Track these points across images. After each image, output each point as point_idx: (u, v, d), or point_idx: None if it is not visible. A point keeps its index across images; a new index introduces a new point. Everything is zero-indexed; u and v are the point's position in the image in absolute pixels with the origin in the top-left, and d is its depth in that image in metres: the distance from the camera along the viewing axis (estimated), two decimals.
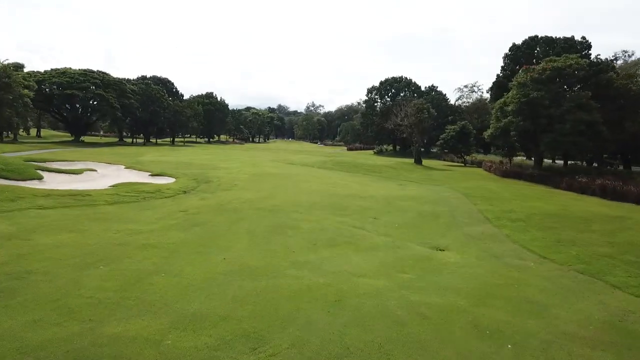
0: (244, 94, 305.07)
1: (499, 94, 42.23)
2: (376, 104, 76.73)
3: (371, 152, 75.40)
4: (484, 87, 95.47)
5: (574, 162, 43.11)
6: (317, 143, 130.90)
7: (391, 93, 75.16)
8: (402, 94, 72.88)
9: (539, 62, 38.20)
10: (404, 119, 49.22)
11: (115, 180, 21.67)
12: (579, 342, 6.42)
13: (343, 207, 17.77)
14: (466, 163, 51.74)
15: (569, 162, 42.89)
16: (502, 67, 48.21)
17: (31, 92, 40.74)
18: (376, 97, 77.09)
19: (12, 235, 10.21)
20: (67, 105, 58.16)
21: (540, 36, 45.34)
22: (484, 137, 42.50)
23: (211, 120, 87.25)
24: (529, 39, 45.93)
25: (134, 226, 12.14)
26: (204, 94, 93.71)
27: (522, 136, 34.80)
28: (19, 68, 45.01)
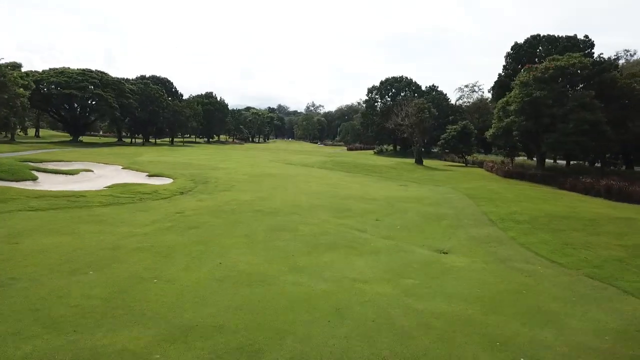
0: (243, 94, 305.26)
1: (501, 93, 41.80)
2: (376, 104, 76.36)
3: (371, 152, 75.02)
4: (484, 86, 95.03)
5: (575, 162, 42.72)
6: (317, 143, 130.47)
7: (392, 93, 74.78)
8: (402, 94, 72.52)
9: (541, 61, 37.74)
10: (405, 119, 48.84)
11: (112, 181, 21.27)
12: (596, 356, 6.01)
13: (344, 208, 17.37)
14: (467, 163, 51.35)
15: (571, 162, 42.51)
16: (504, 66, 47.77)
17: (27, 92, 40.18)
18: (376, 96, 76.70)
19: None
20: (65, 105, 57.74)
21: (542, 35, 44.90)
22: (485, 137, 42.10)
23: (211, 120, 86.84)
24: (531, 37, 45.49)
25: (127, 229, 11.74)
26: (203, 93, 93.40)
27: (524, 136, 34.38)
28: (16, 67, 44.57)
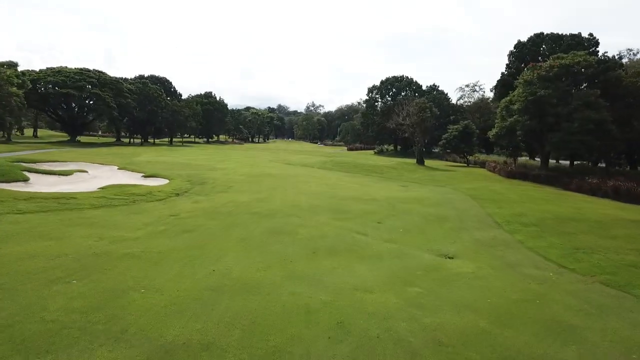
0: (243, 94, 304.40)
1: (504, 92, 41.19)
2: (377, 104, 75.79)
3: (372, 152, 74.47)
4: (485, 86, 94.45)
5: (579, 163, 42.11)
6: (317, 143, 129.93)
7: (392, 92, 74.21)
8: (403, 93, 71.97)
9: (545, 59, 37.12)
10: (406, 118, 48.26)
11: (106, 181, 20.72)
12: None
13: (344, 210, 16.81)
14: (469, 163, 50.76)
15: (574, 162, 41.92)
16: (507, 64, 47.13)
17: (20, 91, 39.52)
18: (377, 96, 76.12)
19: None
20: (63, 104, 57.24)
21: (546, 33, 44.25)
22: (486, 137, 41.48)
23: (210, 120, 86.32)
24: (534, 36, 44.85)
25: (118, 233, 11.19)
26: (202, 93, 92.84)
27: (528, 135, 33.79)
28: (12, 66, 43.94)
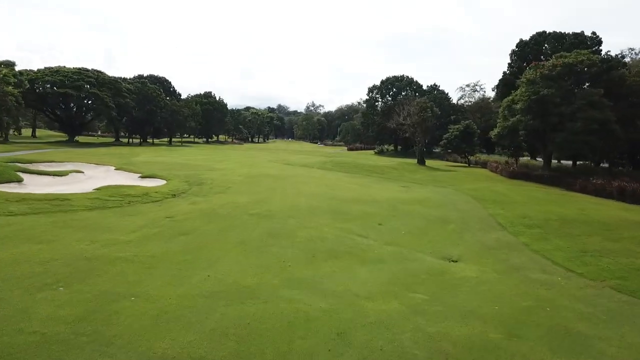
0: (243, 94, 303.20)
1: (506, 91, 40.81)
2: (377, 103, 75.43)
3: (372, 152, 74.08)
4: (486, 86, 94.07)
5: (581, 163, 41.72)
6: (317, 143, 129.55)
7: (392, 92, 73.85)
8: (403, 93, 71.62)
9: (547, 58, 36.77)
10: (407, 118, 47.87)
11: (102, 182, 20.33)
12: None
13: (344, 212, 16.46)
14: (470, 163, 50.39)
15: (577, 162, 41.53)
16: (508, 64, 46.72)
17: (16, 90, 39.05)
18: (377, 96, 75.76)
19: None
20: (61, 104, 56.82)
21: (548, 32, 43.83)
22: (487, 137, 41.09)
23: (209, 120, 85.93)
24: (536, 34, 44.45)
25: (111, 235, 10.83)
26: (202, 93, 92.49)
27: (531, 135, 33.41)
28: (9, 66, 43.53)
